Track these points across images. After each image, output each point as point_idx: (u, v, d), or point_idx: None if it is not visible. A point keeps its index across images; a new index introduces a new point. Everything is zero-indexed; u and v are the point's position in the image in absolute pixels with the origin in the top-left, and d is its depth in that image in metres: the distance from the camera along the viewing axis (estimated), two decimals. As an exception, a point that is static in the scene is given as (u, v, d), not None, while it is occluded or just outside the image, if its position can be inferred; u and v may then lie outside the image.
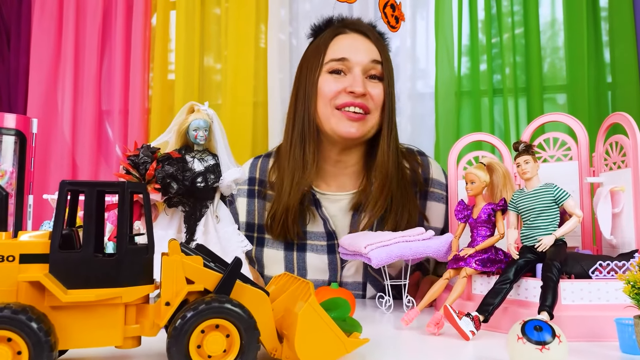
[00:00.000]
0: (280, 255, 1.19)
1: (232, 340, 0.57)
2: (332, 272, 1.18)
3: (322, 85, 1.16)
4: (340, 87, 1.14)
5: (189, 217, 0.87)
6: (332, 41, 1.17)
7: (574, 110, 1.85)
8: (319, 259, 1.17)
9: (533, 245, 0.84)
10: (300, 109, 1.17)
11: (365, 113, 1.15)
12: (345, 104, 1.13)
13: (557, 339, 0.58)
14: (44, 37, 2.26)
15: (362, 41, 1.18)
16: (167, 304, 0.59)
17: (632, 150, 0.85)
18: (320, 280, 1.18)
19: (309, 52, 1.23)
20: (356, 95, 1.13)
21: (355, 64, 1.14)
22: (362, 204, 1.17)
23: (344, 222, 1.19)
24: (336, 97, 1.14)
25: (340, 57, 1.15)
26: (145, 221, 0.61)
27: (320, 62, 1.16)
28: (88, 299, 0.55)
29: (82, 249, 0.57)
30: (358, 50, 1.16)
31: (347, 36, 1.18)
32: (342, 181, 1.22)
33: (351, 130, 1.13)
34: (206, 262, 0.62)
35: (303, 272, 1.18)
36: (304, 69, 1.21)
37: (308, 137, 1.16)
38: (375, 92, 1.16)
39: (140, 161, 0.81)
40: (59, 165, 2.19)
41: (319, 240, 1.18)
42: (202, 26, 2.21)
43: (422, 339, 0.80)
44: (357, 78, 1.13)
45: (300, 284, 0.66)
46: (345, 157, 1.20)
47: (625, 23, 1.85)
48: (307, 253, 1.18)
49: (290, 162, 1.16)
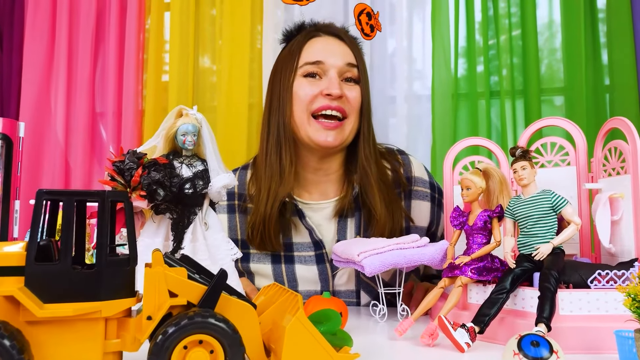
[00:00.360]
0: (268, 269, 1.16)
1: (216, 357, 0.55)
2: (323, 282, 1.16)
3: (297, 90, 1.13)
4: (317, 91, 1.11)
5: (176, 224, 0.85)
6: (305, 45, 1.15)
7: (572, 112, 1.83)
8: (308, 270, 1.15)
9: (530, 253, 0.81)
10: (275, 116, 1.14)
11: (342, 118, 1.12)
12: (322, 108, 1.11)
13: (554, 354, 0.56)
14: (37, 39, 2.23)
15: (336, 44, 1.16)
16: (149, 318, 0.56)
17: (631, 156, 0.83)
18: (312, 291, 1.15)
19: (281, 57, 1.20)
20: (333, 97, 1.10)
21: (330, 67, 1.12)
22: (345, 209, 1.14)
23: (330, 230, 1.17)
24: (312, 102, 1.12)
25: (315, 60, 1.13)
26: (127, 230, 0.59)
27: (295, 66, 1.14)
28: (65, 313, 0.53)
29: (59, 261, 0.55)
30: (333, 53, 1.14)
31: (321, 39, 1.17)
32: (323, 189, 1.20)
33: (328, 139, 1.11)
34: (190, 273, 0.60)
35: (294, 284, 1.16)
36: (277, 75, 1.18)
37: (284, 143, 1.13)
38: (352, 95, 1.14)
39: (125, 167, 0.78)
40: (52, 168, 2.16)
41: (306, 251, 1.15)
42: (197, 27, 2.19)
43: (416, 350, 0.78)
44: (333, 80, 1.11)
45: (289, 296, 0.63)
46: (325, 164, 1.18)
47: (623, 25, 1.83)
48: (296, 265, 1.15)
49: (267, 170, 1.13)
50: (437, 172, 1.89)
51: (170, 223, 0.85)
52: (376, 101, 2.04)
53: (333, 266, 1.13)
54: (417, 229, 1.21)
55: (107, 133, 2.24)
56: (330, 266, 1.14)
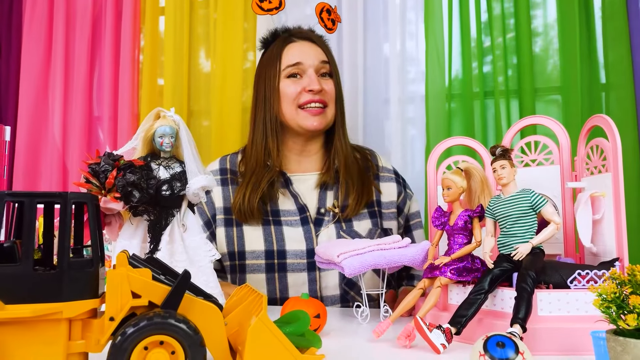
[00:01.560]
0: (259, 230, 1.28)
1: (177, 357, 0.55)
2: (307, 240, 1.27)
3: (284, 89, 1.32)
4: (300, 88, 1.31)
5: (153, 226, 0.84)
6: (284, 50, 1.34)
7: (568, 111, 1.82)
8: (294, 232, 1.28)
9: (509, 253, 0.81)
10: (261, 112, 1.34)
11: (324, 107, 1.32)
12: (307, 102, 1.30)
13: (520, 355, 0.55)
14: (34, 44, 2.25)
15: (309, 46, 1.35)
16: (112, 319, 0.56)
17: (612, 153, 0.82)
18: (298, 250, 1.26)
19: (263, 62, 1.39)
20: (315, 92, 1.30)
21: (308, 66, 1.32)
22: (326, 182, 1.33)
23: (313, 198, 1.33)
24: (298, 97, 1.31)
25: (295, 62, 1.32)
26: (90, 233, 0.58)
27: (278, 70, 1.32)
28: (24, 314, 0.53)
29: (21, 262, 0.55)
30: (308, 54, 1.33)
31: (297, 44, 1.35)
32: (306, 166, 1.39)
33: (314, 123, 1.31)
34: (155, 274, 0.60)
35: (282, 244, 1.26)
36: (261, 77, 1.37)
37: (270, 134, 1.32)
38: (329, 87, 1.34)
39: (100, 169, 0.78)
40: (50, 171, 2.17)
41: (292, 216, 1.30)
42: (191, 31, 2.20)
43: (392, 352, 0.77)
44: (312, 78, 1.31)
45: (255, 298, 0.63)
46: (308, 146, 1.38)
47: (619, 24, 1.82)
48: (283, 227, 1.29)
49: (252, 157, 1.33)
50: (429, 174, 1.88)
51: (148, 225, 0.84)
52: (371, 103, 2.04)
53: (316, 227, 1.28)
54: (388, 203, 1.37)
55: (104, 136, 2.25)
56: (314, 227, 1.28)
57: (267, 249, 1.25)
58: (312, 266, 1.24)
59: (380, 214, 1.33)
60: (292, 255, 1.25)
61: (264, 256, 1.24)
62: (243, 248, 1.27)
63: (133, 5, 2.20)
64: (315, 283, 1.24)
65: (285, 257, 1.25)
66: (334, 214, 1.29)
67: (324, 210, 1.30)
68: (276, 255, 1.25)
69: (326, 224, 1.28)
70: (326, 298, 1.25)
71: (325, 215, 1.29)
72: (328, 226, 1.28)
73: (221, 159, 1.42)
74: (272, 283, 1.24)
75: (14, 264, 0.55)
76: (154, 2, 2.20)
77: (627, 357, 0.55)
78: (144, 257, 0.64)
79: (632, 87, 1.79)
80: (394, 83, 1.98)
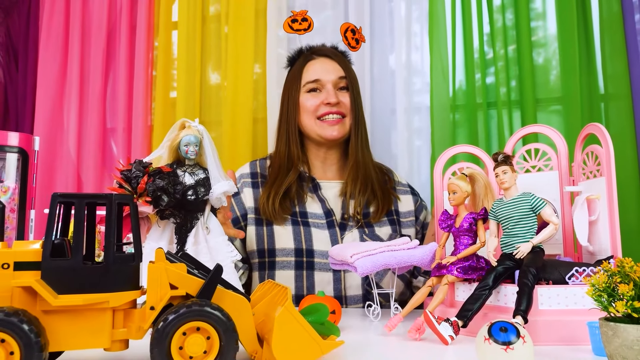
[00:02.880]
0: (289, 230, 1.36)
1: (212, 342, 0.61)
2: (334, 242, 1.35)
3: (304, 103, 1.44)
4: (319, 102, 1.43)
5: (180, 228, 0.91)
6: (304, 67, 1.46)
7: (568, 121, 1.88)
8: (321, 233, 1.36)
9: (512, 252, 0.86)
10: (284, 123, 1.47)
11: (342, 117, 1.43)
12: (325, 113, 1.42)
13: (521, 339, 0.61)
14: (50, 58, 2.33)
15: (329, 63, 1.47)
16: (152, 308, 0.62)
17: (605, 159, 0.88)
18: (325, 251, 1.32)
19: (288, 78, 1.52)
20: (332, 104, 1.41)
21: (326, 82, 1.43)
22: (348, 191, 1.42)
23: (337, 205, 1.42)
24: (317, 110, 1.43)
25: (314, 79, 1.44)
26: (132, 230, 0.65)
27: (299, 85, 1.46)
28: (76, 302, 0.59)
29: (72, 257, 0.61)
30: (327, 71, 1.45)
31: (317, 61, 1.47)
32: (330, 174, 1.49)
33: (333, 133, 1.42)
34: (190, 269, 0.66)
35: (310, 243, 1.34)
36: (286, 92, 1.50)
37: (293, 142, 1.44)
38: (345, 99, 1.45)
39: (132, 175, 0.85)
40: (65, 181, 2.23)
41: (319, 219, 1.39)
42: (203, 45, 2.27)
43: (404, 344, 0.83)
44: (330, 92, 1.42)
45: (279, 290, 0.69)
46: (330, 155, 1.49)
47: (616, 36, 1.88)
48: (311, 228, 1.37)
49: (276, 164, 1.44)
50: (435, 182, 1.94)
51: (174, 227, 0.91)
52: (377, 113, 2.10)
53: (341, 231, 1.37)
54: (406, 212, 1.47)
55: (117, 148, 2.31)
56: (339, 231, 1.36)
57: (297, 247, 1.33)
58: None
59: (399, 222, 1.42)
60: (319, 255, 1.33)
61: (293, 254, 1.32)
62: (273, 246, 1.35)
63: (147, 20, 2.28)
64: (340, 282, 1.31)
65: (313, 256, 1.32)
66: (357, 219, 1.38)
67: (347, 216, 1.39)
68: (305, 254, 1.32)
69: (350, 228, 1.36)
70: (349, 297, 1.32)
71: (349, 221, 1.38)
72: (352, 230, 1.36)
73: (251, 164, 1.53)
74: (300, 280, 1.31)
75: (65, 258, 0.62)
76: (167, 16, 2.28)
77: (617, 340, 0.60)
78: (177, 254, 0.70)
79: (630, 97, 1.85)
80: (400, 94, 2.05)
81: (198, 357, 0.60)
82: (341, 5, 2.16)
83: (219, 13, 2.25)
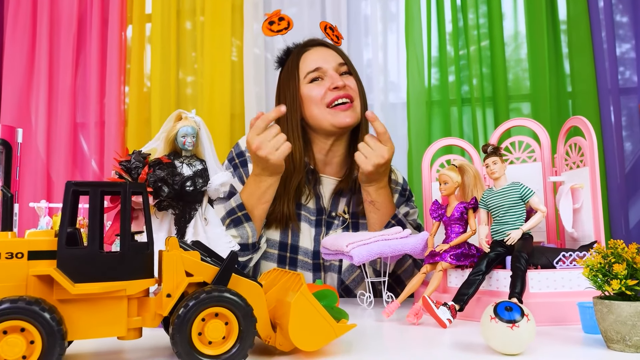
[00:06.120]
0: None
1: (231, 327, 0.62)
2: (315, 242, 1.32)
3: (308, 93, 1.33)
4: (324, 89, 1.32)
5: (179, 219, 0.91)
6: (300, 59, 1.36)
7: (537, 117, 1.96)
8: (309, 230, 1.33)
9: (502, 239, 0.90)
10: (285, 122, 1.32)
11: (351, 101, 1.33)
12: (334, 99, 1.31)
13: (525, 317, 0.64)
14: (17, 49, 2.26)
15: (325, 51, 1.38)
16: (169, 295, 0.63)
17: (589, 150, 0.93)
18: (308, 250, 1.31)
19: (283, 75, 1.40)
20: (339, 88, 1.31)
21: (328, 69, 1.33)
22: (342, 189, 1.36)
23: (329, 203, 1.36)
24: (324, 97, 1.31)
25: (315, 68, 1.33)
26: (144, 218, 0.65)
27: (297, 79, 1.34)
28: (95, 290, 0.59)
29: (88, 245, 0.61)
30: (326, 58, 1.35)
31: (312, 51, 1.37)
32: (329, 170, 1.40)
33: (347, 119, 1.31)
34: (203, 256, 0.66)
35: (296, 239, 1.32)
36: (282, 91, 1.38)
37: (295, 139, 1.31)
38: (351, 82, 1.35)
39: (132, 166, 0.84)
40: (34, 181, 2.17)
41: (311, 215, 1.34)
42: (178, 39, 2.25)
43: (402, 328, 0.86)
44: (334, 77, 1.32)
45: (290, 276, 0.70)
46: (335, 147, 1.38)
47: (583, 36, 1.97)
48: (302, 223, 1.33)
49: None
50: (412, 175, 1.99)
51: (173, 218, 0.91)
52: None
53: (327, 230, 1.33)
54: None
55: (89, 143, 2.26)
56: (325, 230, 1.33)
57: (282, 240, 1.30)
58: (317, 267, 1.30)
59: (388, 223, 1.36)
60: (302, 252, 1.31)
61: (277, 246, 1.30)
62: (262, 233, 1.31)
63: (119, 12, 2.24)
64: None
65: (297, 252, 1.31)
66: (344, 219, 1.34)
67: (334, 214, 1.34)
68: (289, 249, 1.30)
69: (335, 228, 1.33)
70: None
71: (335, 219, 1.34)
72: (337, 230, 1.32)
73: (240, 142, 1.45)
74: None
75: (82, 247, 0.62)
76: (140, 9, 2.25)
77: (611, 316, 0.65)
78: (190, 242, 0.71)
79: (596, 94, 1.95)
80: (376, 91, 2.09)
81: (217, 342, 0.61)
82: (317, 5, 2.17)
83: (194, 7, 2.23)
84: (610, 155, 1.92)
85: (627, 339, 0.64)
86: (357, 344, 0.74)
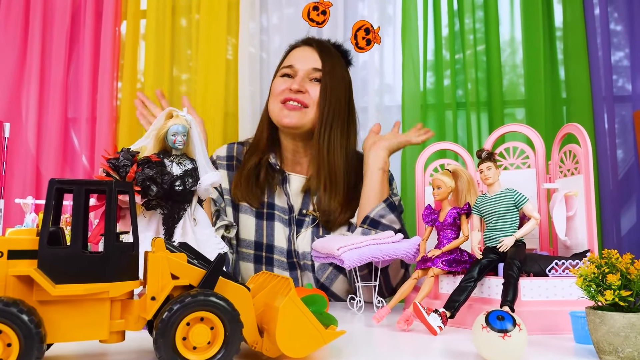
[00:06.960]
0: (251, 221, 1.36)
1: (217, 332, 0.60)
2: (288, 242, 1.34)
3: (274, 86, 1.42)
4: (285, 87, 1.38)
5: (167, 219, 0.89)
6: (288, 54, 1.45)
7: (532, 123, 1.95)
8: (282, 229, 1.36)
9: (495, 245, 0.89)
10: (264, 110, 1.45)
11: (303, 106, 1.36)
12: (286, 99, 1.37)
13: (517, 327, 0.63)
14: (9, 42, 2.23)
15: (309, 52, 1.42)
16: (153, 298, 0.61)
17: (583, 158, 0.92)
18: (283, 249, 1.33)
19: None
20: (293, 91, 1.36)
21: (299, 70, 1.39)
22: (310, 188, 1.38)
23: (297, 202, 1.39)
24: (281, 94, 1.38)
25: (289, 65, 1.41)
26: (130, 219, 0.63)
27: (276, 71, 1.45)
28: (77, 292, 0.57)
29: (70, 245, 0.59)
30: (304, 59, 1.40)
31: (299, 49, 1.45)
32: (298, 168, 1.45)
33: (286, 119, 1.36)
34: (190, 258, 0.65)
35: (271, 238, 1.34)
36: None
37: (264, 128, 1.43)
38: (313, 91, 1.38)
39: (120, 164, 0.82)
40: (23, 176, 2.14)
41: (283, 214, 1.37)
42: (173, 36, 2.22)
43: (392, 334, 0.85)
44: (297, 80, 1.38)
45: (279, 280, 0.69)
46: (299, 148, 1.43)
47: (578, 42, 1.97)
48: (275, 222, 1.36)
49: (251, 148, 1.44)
50: (407, 178, 1.98)
51: (161, 218, 0.89)
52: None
53: (297, 227, 1.35)
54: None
55: (80, 139, 2.23)
56: (296, 229, 1.35)
57: (257, 240, 1.32)
58: (292, 266, 1.31)
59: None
60: (278, 251, 1.32)
61: (253, 246, 1.32)
62: (238, 235, 1.34)
63: (114, 6, 2.21)
64: (297, 283, 1.30)
65: (273, 251, 1.32)
66: (314, 217, 1.34)
67: (305, 211, 1.36)
68: (265, 249, 1.32)
69: (306, 226, 1.34)
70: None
71: (306, 217, 1.35)
72: (307, 229, 1.33)
73: (229, 146, 1.50)
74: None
75: (63, 247, 0.60)
76: (135, 4, 2.22)
77: (604, 327, 0.64)
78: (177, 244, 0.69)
79: (590, 101, 1.94)
80: (372, 94, 2.07)
81: (202, 347, 0.60)
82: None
83: (189, 4, 2.21)
84: (603, 162, 1.91)
85: (620, 351, 0.63)
86: (346, 350, 0.73)
